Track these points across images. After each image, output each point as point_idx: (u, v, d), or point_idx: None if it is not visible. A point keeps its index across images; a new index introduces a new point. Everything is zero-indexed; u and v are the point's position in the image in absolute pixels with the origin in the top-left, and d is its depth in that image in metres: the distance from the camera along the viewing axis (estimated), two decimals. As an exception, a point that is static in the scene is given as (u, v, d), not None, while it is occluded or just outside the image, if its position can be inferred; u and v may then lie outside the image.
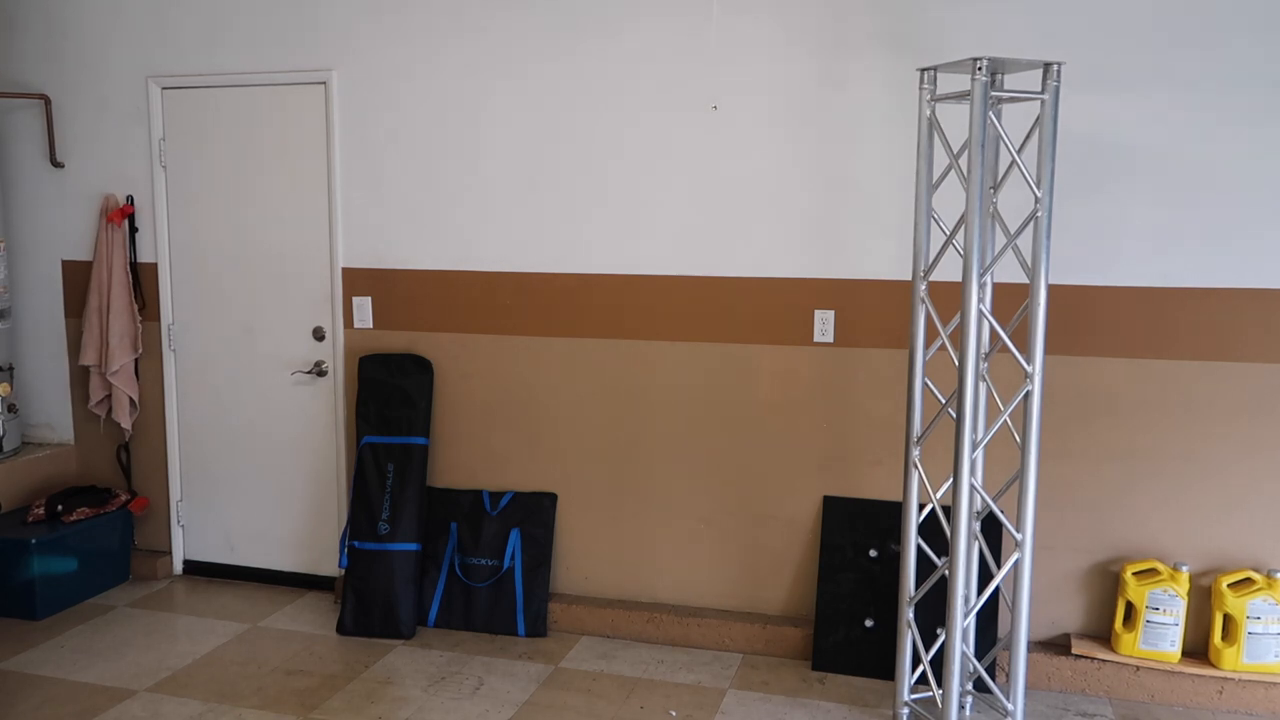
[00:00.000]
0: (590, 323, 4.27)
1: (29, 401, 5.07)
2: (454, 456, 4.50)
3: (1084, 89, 3.61)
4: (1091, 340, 3.76)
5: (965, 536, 3.23)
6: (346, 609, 4.33)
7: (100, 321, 4.75)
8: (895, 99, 3.82)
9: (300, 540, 4.79)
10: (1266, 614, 3.59)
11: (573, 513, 4.39)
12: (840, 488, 4.07)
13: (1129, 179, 3.67)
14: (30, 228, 4.97)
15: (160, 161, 4.75)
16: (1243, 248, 3.61)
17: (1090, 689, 3.78)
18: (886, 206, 3.87)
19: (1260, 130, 3.55)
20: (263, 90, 4.58)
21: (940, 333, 3.36)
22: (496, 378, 4.41)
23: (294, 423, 4.69)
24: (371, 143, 4.44)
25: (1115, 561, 3.83)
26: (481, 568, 4.36)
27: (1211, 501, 3.73)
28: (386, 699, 3.74)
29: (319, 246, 4.58)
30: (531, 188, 4.26)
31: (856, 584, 4.00)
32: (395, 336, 4.51)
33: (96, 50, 4.75)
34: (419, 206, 4.41)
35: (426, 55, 4.32)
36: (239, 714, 3.63)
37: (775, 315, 4.06)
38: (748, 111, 3.99)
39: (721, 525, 4.22)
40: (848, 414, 4.03)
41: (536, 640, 4.26)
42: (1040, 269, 3.16)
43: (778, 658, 4.10)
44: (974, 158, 3.06)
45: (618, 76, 4.11)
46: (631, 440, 4.28)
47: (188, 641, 4.23)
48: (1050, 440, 3.75)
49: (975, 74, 3.03)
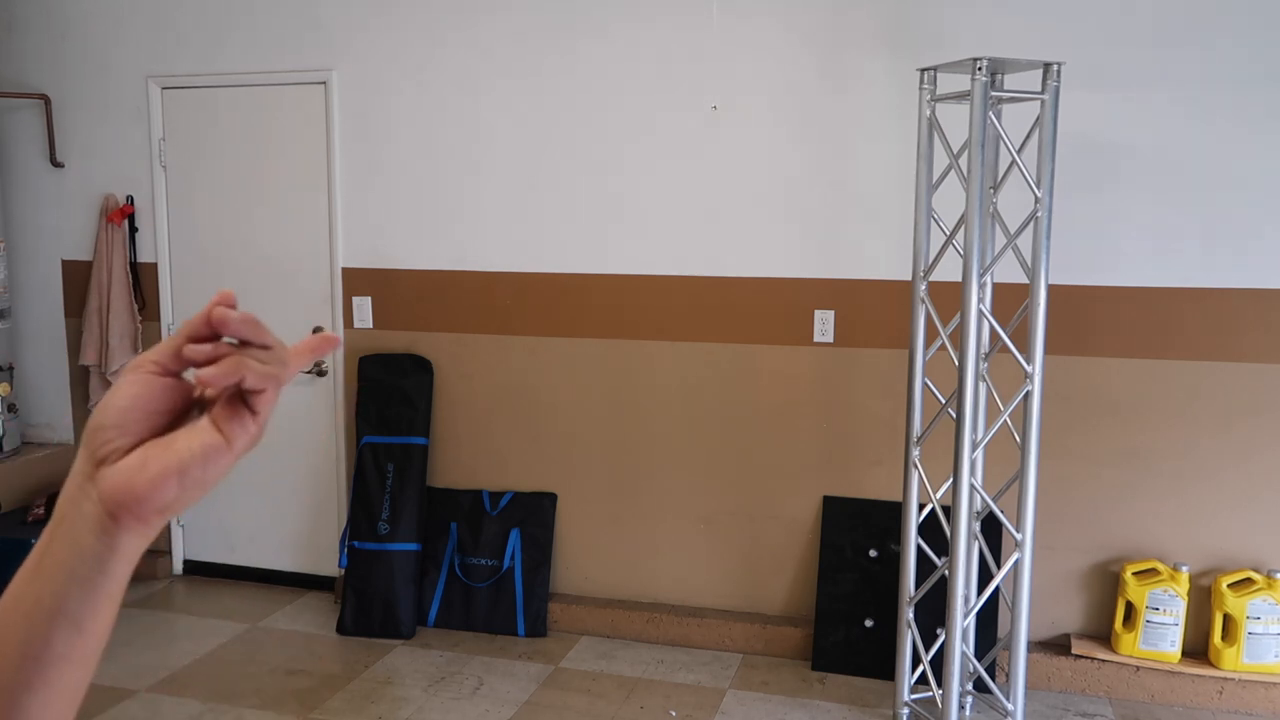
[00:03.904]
0: (590, 323, 4.27)
1: (29, 401, 5.07)
2: (454, 456, 4.50)
3: (1084, 89, 3.61)
4: (1091, 340, 3.76)
5: (965, 536, 3.23)
6: (346, 609, 4.33)
7: (100, 321, 4.75)
8: (895, 99, 3.82)
9: (300, 540, 4.79)
10: (1266, 614, 3.59)
11: (573, 513, 4.39)
12: (840, 488, 4.07)
13: (1129, 179, 3.67)
14: (30, 228, 4.97)
15: (160, 161, 4.75)
16: (1243, 248, 3.61)
17: (1090, 689, 3.78)
18: (886, 206, 3.87)
19: (1260, 130, 3.55)
20: (263, 90, 4.57)
21: (940, 333, 3.35)
22: (496, 378, 4.41)
23: (294, 423, 4.68)
24: (371, 143, 4.43)
25: (1115, 561, 3.83)
26: (481, 568, 4.36)
27: (1211, 501, 3.73)
28: (386, 699, 3.74)
29: (319, 246, 4.58)
30: (531, 188, 4.26)
31: (856, 584, 4.00)
32: (395, 336, 4.51)
33: (96, 50, 4.75)
34: (419, 206, 4.41)
35: (426, 55, 4.32)
36: (239, 714, 3.63)
37: (775, 315, 4.05)
38: (748, 111, 3.99)
39: (721, 525, 4.22)
40: (848, 414, 4.03)
41: (536, 640, 4.26)
42: (1040, 269, 3.16)
43: (778, 658, 4.10)
44: (974, 158, 3.06)
45: (618, 76, 4.11)
46: (631, 440, 4.28)
47: (188, 641, 4.23)
48: (1050, 440, 3.75)
49: (975, 74, 3.03)
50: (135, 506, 0.55)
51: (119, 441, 0.55)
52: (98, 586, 0.55)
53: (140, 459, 0.55)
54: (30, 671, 0.54)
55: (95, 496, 0.55)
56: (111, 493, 0.54)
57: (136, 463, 0.55)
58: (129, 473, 0.55)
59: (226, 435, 0.56)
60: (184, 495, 0.55)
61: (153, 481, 0.54)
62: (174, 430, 0.56)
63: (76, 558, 0.55)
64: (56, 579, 0.55)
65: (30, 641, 0.54)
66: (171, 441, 0.55)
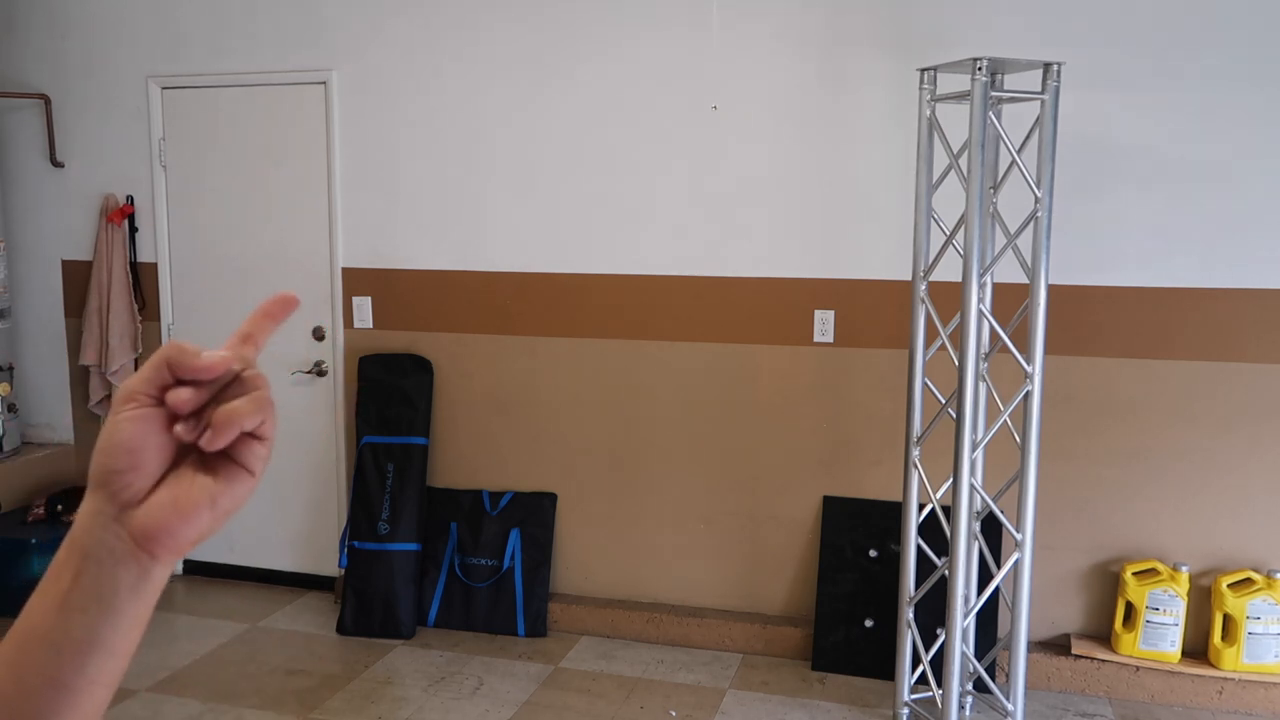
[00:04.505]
0: (590, 323, 4.27)
1: (29, 401, 5.07)
2: (454, 456, 4.50)
3: (1084, 89, 3.61)
4: (1091, 340, 3.76)
5: (965, 536, 3.23)
6: (346, 609, 4.33)
7: (100, 321, 4.75)
8: (895, 99, 3.82)
9: (300, 540, 4.79)
10: (1266, 614, 3.59)
11: (573, 513, 4.39)
12: (840, 488, 4.07)
13: (1129, 179, 3.67)
14: (30, 228, 4.97)
15: (160, 161, 4.75)
16: (1243, 248, 3.61)
17: (1090, 689, 3.78)
18: (886, 206, 3.87)
19: (1260, 130, 3.55)
20: (263, 90, 4.57)
21: (940, 333, 3.35)
22: (496, 378, 4.41)
23: (294, 423, 4.68)
24: (371, 143, 4.43)
25: (1115, 561, 3.83)
26: (481, 568, 4.35)
27: (1211, 502, 3.73)
28: (386, 699, 3.74)
29: (319, 246, 4.58)
30: (531, 187, 4.26)
31: (856, 584, 3.99)
32: (395, 336, 4.51)
33: (97, 50, 4.75)
34: (419, 206, 4.41)
35: (426, 55, 4.32)
36: (239, 714, 3.63)
37: (775, 315, 4.05)
38: (748, 111, 3.99)
39: (721, 525, 4.22)
40: (848, 414, 4.03)
41: (536, 640, 4.26)
42: (1040, 269, 3.16)
43: (778, 658, 4.10)
44: (974, 158, 3.06)
45: (617, 75, 4.11)
46: (631, 440, 4.28)
47: (188, 641, 4.23)
48: (1050, 440, 3.74)
49: (975, 74, 3.03)
50: (171, 542, 0.56)
51: (139, 483, 0.56)
52: (133, 615, 0.57)
53: (170, 498, 0.56)
54: (59, 699, 0.56)
55: (126, 536, 0.56)
56: (146, 532, 0.56)
57: (167, 501, 0.56)
58: (162, 513, 0.56)
59: (244, 464, 0.58)
60: (216, 523, 0.58)
61: (187, 519, 0.56)
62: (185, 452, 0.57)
63: (111, 591, 0.56)
64: (89, 611, 0.56)
65: (60, 670, 0.55)
66: (195, 476, 0.57)
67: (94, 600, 0.56)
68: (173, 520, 0.56)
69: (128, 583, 0.56)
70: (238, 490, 0.57)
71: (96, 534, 0.56)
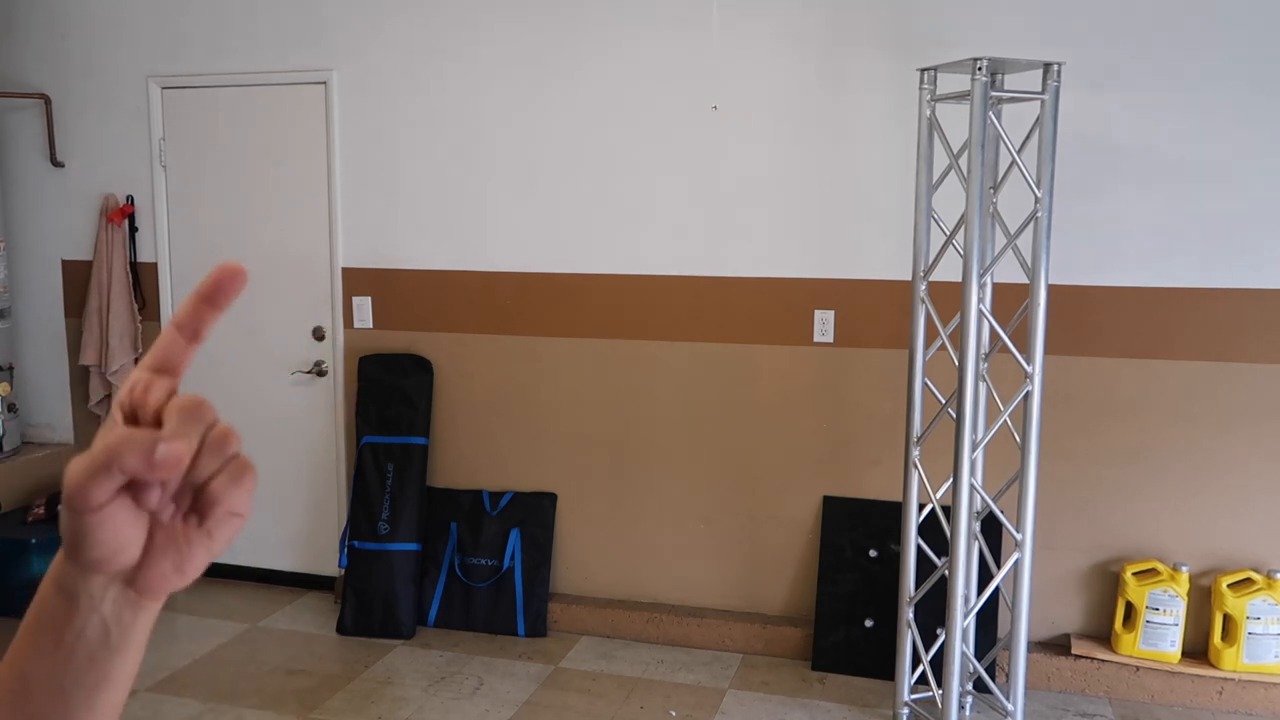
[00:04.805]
0: (590, 323, 4.27)
1: (29, 401, 5.07)
2: (454, 456, 4.50)
3: (1084, 89, 3.61)
4: (1091, 340, 3.76)
5: (965, 536, 3.23)
6: (346, 609, 4.33)
7: (100, 321, 4.75)
8: (895, 99, 3.82)
9: (300, 540, 4.79)
10: (1266, 614, 3.59)
11: (573, 513, 4.39)
12: (840, 488, 4.07)
13: (1129, 179, 3.67)
14: (30, 228, 4.97)
15: (160, 161, 4.75)
16: (1243, 248, 3.61)
17: (1090, 689, 3.78)
18: (886, 206, 3.87)
19: (1260, 130, 3.55)
20: (263, 90, 4.57)
21: (940, 333, 3.35)
22: (496, 378, 4.41)
23: (294, 423, 4.69)
24: (371, 143, 4.43)
25: (1115, 561, 3.83)
26: (481, 568, 4.35)
27: (1211, 502, 3.73)
28: (386, 699, 3.74)
29: (319, 246, 4.58)
30: (531, 187, 4.26)
31: (856, 584, 3.99)
32: (395, 336, 4.51)
33: (97, 50, 4.75)
34: (419, 206, 4.41)
35: (426, 55, 4.32)
36: (239, 714, 3.63)
37: (775, 315, 4.05)
38: (748, 111, 3.99)
39: (721, 525, 4.22)
40: (847, 414, 4.03)
41: (536, 640, 4.26)
42: (1040, 269, 3.16)
43: (777, 658, 4.10)
44: (974, 158, 3.06)
45: (617, 75, 4.11)
46: (631, 440, 4.28)
47: (188, 641, 4.23)
48: (1050, 440, 3.74)
49: (975, 74, 3.03)
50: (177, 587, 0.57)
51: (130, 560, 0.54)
52: (139, 643, 0.57)
53: (171, 566, 0.55)
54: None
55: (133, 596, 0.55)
56: (153, 592, 0.56)
57: (169, 570, 0.55)
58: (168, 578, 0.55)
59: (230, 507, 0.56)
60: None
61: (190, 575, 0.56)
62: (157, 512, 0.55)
63: (118, 633, 0.56)
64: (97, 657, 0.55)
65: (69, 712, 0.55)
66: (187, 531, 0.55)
67: (100, 646, 0.55)
68: (177, 580, 0.56)
69: (133, 620, 0.56)
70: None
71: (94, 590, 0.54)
